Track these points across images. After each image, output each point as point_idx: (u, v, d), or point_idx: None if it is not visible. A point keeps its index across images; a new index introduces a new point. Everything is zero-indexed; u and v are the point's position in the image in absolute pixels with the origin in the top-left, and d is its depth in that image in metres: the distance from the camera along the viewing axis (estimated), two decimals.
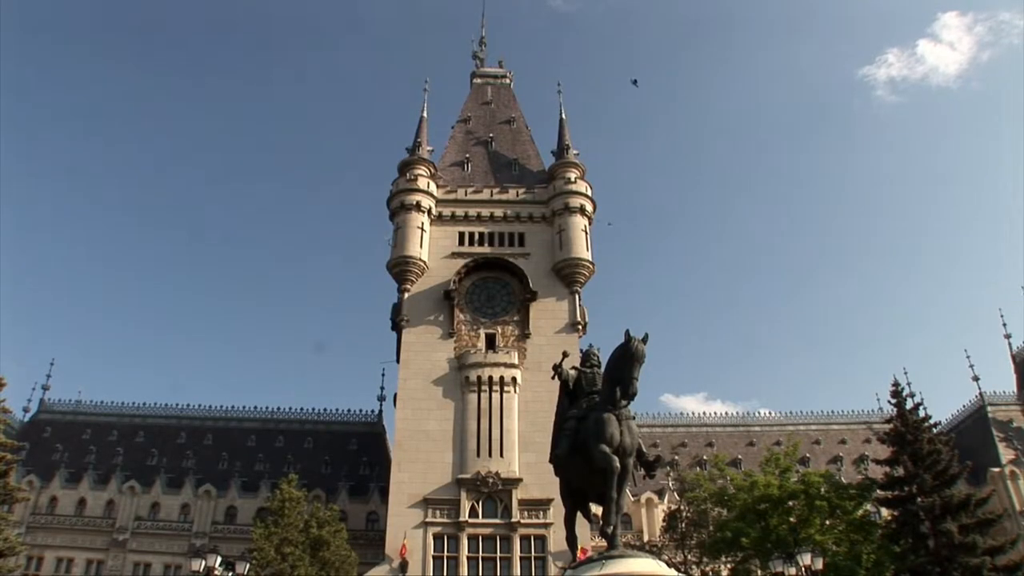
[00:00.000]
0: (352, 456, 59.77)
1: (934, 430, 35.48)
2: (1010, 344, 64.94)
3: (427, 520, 44.65)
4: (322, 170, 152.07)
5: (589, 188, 55.59)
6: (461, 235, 53.95)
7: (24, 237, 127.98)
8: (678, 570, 15.74)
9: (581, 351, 20.28)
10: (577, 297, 51.74)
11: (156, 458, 58.98)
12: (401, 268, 51.59)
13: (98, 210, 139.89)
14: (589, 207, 54.63)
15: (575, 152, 57.33)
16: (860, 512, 33.93)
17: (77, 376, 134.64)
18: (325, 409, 63.66)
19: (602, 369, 17.20)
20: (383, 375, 63.48)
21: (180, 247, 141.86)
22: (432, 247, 52.85)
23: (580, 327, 50.76)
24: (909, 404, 35.27)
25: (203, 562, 22.99)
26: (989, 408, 61.35)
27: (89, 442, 60.20)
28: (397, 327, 51.32)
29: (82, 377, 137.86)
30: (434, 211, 54.05)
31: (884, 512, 38.14)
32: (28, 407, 62.24)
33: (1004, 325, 65.03)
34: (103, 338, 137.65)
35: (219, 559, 23.41)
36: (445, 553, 44.22)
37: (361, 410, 63.88)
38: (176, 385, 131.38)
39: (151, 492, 56.16)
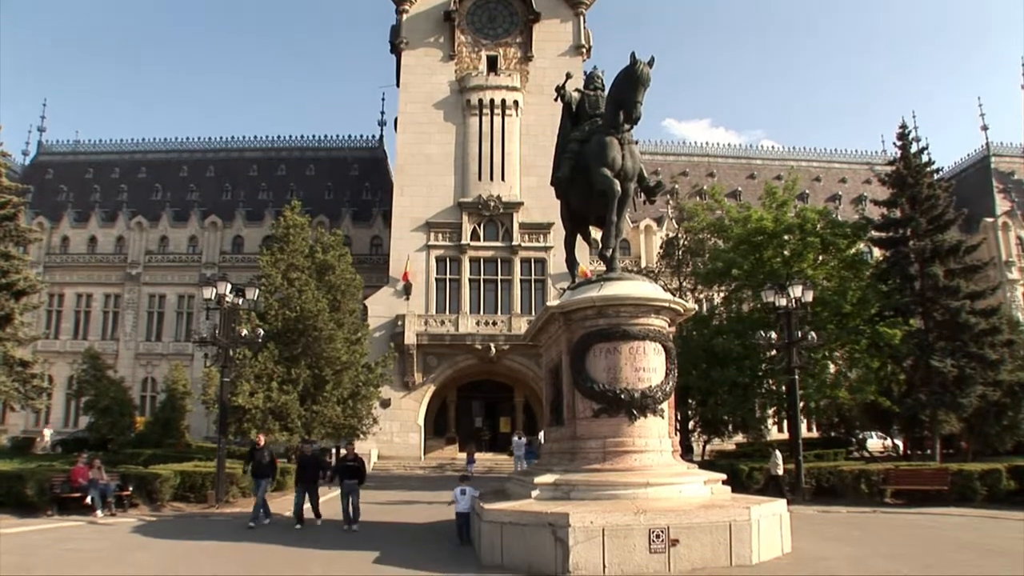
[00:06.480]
0: (354, 182, 60.11)
1: (936, 176, 35.02)
2: None
3: (429, 243, 45.75)
4: None
5: None
6: None
7: None
8: (673, 295, 16.07)
9: (585, 74, 19.45)
10: (582, 19, 49.20)
11: (160, 193, 59.62)
12: None
13: None
14: None
15: None
16: (853, 250, 34.31)
17: (72, 116, 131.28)
18: (326, 136, 63.33)
19: (605, 92, 16.58)
20: (383, 100, 62.65)
21: None
22: None
23: (584, 50, 48.76)
24: (914, 148, 34.46)
25: (214, 290, 23.59)
26: (993, 158, 60.89)
27: (92, 181, 60.58)
28: (396, 50, 49.31)
29: (77, 117, 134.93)
30: None
31: (876, 252, 38.75)
32: (27, 150, 62.06)
33: None
34: (94, 75, 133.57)
35: (229, 286, 23.97)
36: (447, 275, 45.81)
37: (362, 136, 63.43)
38: (174, 119, 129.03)
39: (158, 227, 57.26)
